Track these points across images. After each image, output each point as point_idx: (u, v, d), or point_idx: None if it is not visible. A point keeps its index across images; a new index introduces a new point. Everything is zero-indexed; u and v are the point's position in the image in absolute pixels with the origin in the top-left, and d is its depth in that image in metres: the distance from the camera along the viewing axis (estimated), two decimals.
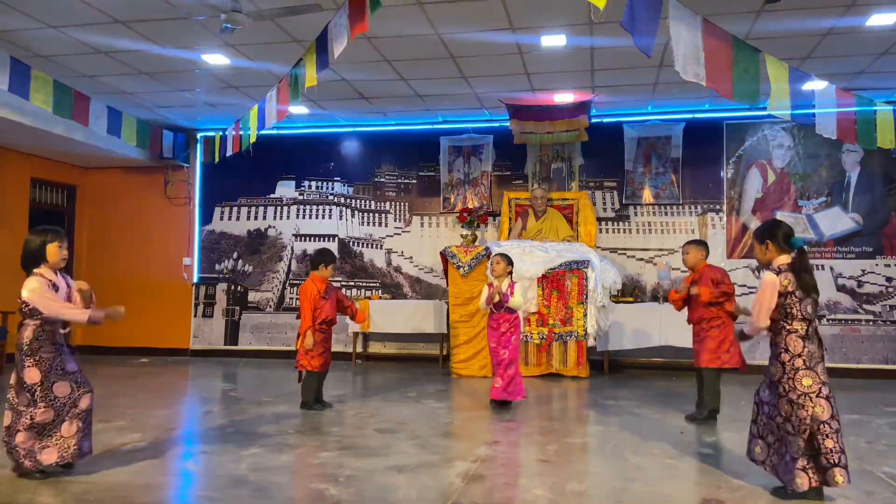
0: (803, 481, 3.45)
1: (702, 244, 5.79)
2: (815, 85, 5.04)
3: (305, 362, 5.87)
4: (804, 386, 3.47)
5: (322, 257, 6.01)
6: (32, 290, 3.83)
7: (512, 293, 5.95)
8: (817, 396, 3.47)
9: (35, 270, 3.91)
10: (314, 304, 5.82)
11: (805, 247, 3.71)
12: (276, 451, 4.57)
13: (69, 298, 4.04)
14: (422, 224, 9.86)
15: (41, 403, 3.82)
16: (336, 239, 10.04)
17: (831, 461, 3.42)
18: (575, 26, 6.26)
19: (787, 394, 3.51)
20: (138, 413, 5.81)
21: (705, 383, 5.54)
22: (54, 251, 3.94)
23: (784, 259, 3.60)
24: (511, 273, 6.10)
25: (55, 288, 3.93)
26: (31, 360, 3.83)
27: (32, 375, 3.82)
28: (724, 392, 5.60)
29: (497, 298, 5.94)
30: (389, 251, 9.89)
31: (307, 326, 5.79)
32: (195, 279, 10.32)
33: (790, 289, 3.52)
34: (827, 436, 3.43)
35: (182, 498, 3.78)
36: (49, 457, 3.85)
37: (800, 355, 3.51)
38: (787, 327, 3.55)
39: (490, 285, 6.07)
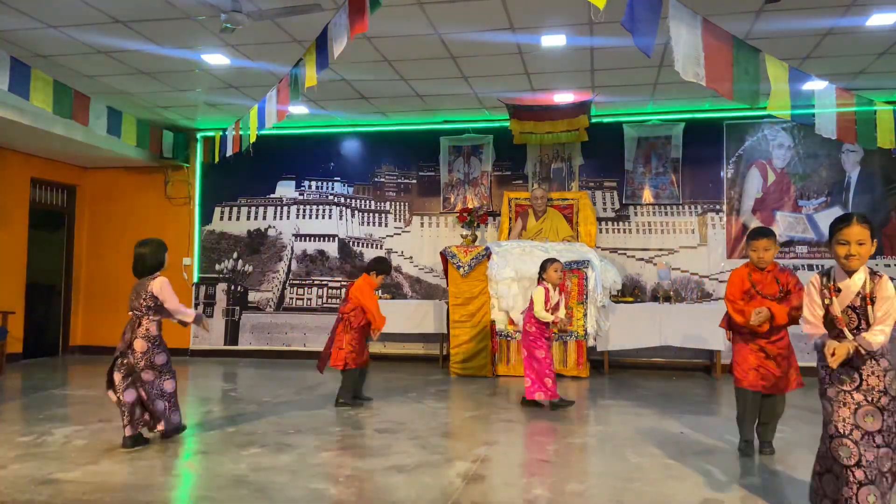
0: None
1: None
2: (815, 85, 5.04)
3: (350, 360, 6.12)
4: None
5: (381, 265, 6.38)
6: (164, 286, 4.74)
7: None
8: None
9: (159, 273, 4.82)
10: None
11: None
12: (276, 451, 4.58)
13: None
14: (422, 224, 9.86)
15: (166, 376, 4.81)
16: (336, 239, 10.04)
17: None
18: (575, 26, 6.27)
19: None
20: None
21: None
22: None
23: None
24: None
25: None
26: (160, 349, 4.79)
27: (162, 359, 4.78)
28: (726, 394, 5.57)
29: (561, 309, 6.21)
30: (389, 251, 9.89)
31: (382, 319, 6.15)
32: (195, 279, 10.32)
33: None
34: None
35: (182, 498, 3.78)
36: (177, 418, 4.90)
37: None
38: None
39: (546, 290, 6.08)
